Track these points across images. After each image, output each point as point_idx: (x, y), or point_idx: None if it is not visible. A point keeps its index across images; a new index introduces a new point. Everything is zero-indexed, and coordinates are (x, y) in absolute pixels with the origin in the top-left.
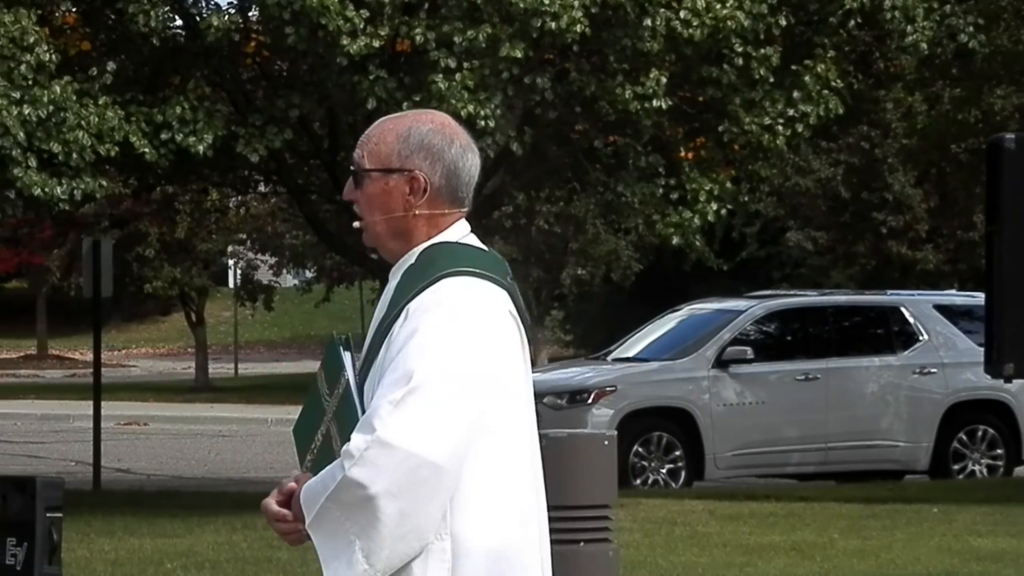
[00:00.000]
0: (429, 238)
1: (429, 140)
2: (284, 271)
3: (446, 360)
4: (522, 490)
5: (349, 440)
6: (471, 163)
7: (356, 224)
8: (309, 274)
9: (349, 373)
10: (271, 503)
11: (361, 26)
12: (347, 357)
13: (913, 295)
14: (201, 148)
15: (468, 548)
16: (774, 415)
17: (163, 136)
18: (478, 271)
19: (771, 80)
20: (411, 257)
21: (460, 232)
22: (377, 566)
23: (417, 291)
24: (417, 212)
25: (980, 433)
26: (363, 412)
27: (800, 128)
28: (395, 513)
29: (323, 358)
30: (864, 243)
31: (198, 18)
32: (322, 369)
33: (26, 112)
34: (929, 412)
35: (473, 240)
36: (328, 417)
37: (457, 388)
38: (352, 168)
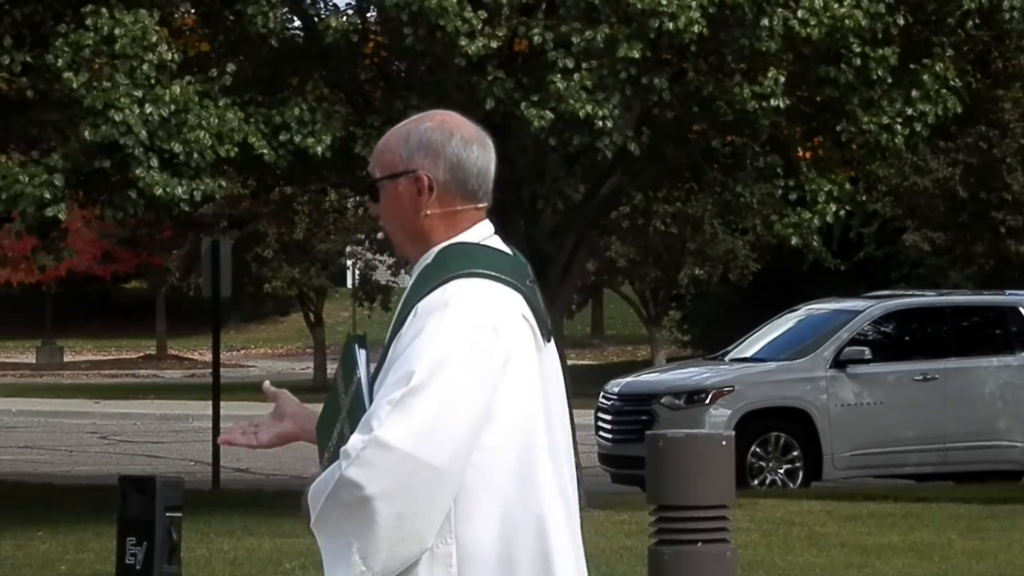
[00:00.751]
0: (448, 238)
1: (428, 137)
2: (402, 271)
3: (448, 361)
4: (536, 495)
5: (347, 441)
6: (477, 155)
7: (380, 235)
8: None
9: (362, 372)
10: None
11: (479, 27)
12: (361, 356)
13: None
14: (319, 149)
15: (474, 554)
16: (892, 415)
17: (282, 137)
18: (491, 273)
19: (889, 80)
20: (428, 257)
21: (481, 233)
22: (374, 568)
23: (427, 291)
24: (429, 212)
25: None
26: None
27: (918, 127)
28: (392, 515)
29: (341, 357)
30: (982, 243)
31: (316, 19)
32: (340, 367)
33: (148, 111)
34: None
35: (496, 242)
36: (343, 416)
37: (458, 390)
38: (367, 183)
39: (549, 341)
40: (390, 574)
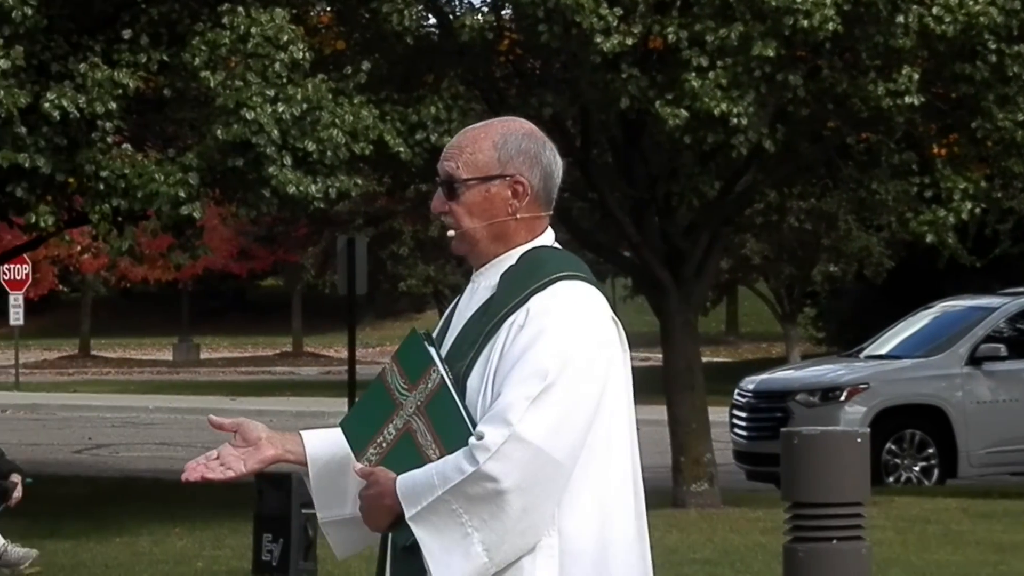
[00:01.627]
0: (527, 241)
1: (525, 145)
2: None
3: (572, 360)
4: (625, 488)
5: (481, 435)
6: (559, 166)
7: (450, 233)
8: None
9: (442, 368)
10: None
11: (615, 24)
12: (434, 353)
13: None
14: None
15: (574, 544)
16: None
17: (418, 136)
18: (586, 276)
19: None
20: (509, 259)
21: (551, 237)
22: (496, 559)
23: (533, 291)
24: (519, 216)
25: None
26: (465, 410)
27: None
28: (519, 508)
29: (398, 352)
30: None
31: (452, 17)
32: (395, 363)
33: (280, 110)
34: None
35: (559, 246)
36: (409, 411)
37: (581, 387)
38: (443, 180)
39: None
40: (503, 565)
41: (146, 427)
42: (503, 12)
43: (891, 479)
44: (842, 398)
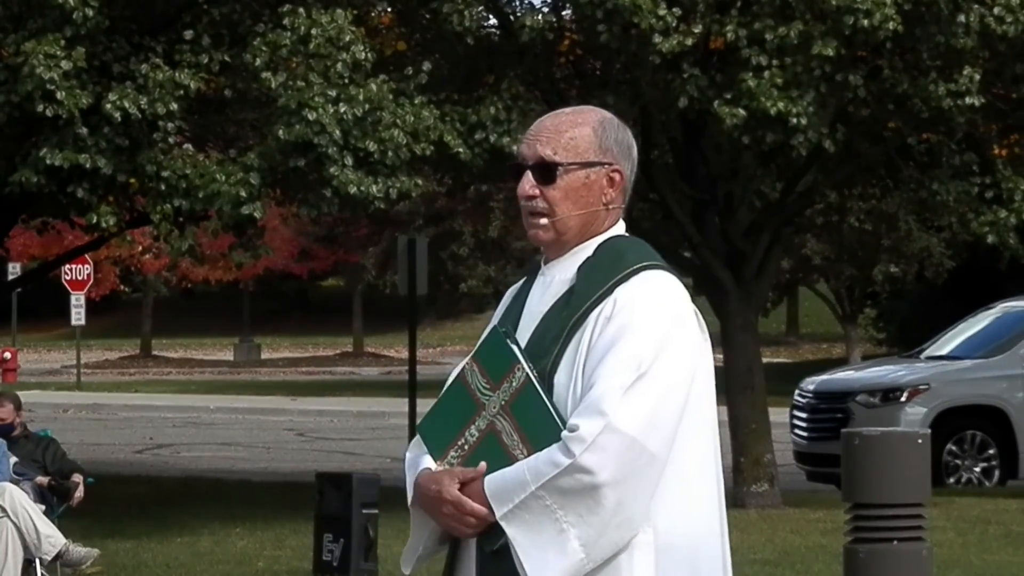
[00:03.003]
0: (603, 232)
1: (622, 135)
2: None
3: (665, 349)
4: (711, 481)
5: (574, 427)
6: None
7: (543, 220)
8: None
9: (526, 366)
10: (462, 496)
11: (674, 24)
12: (517, 349)
13: None
14: (516, 148)
15: (669, 538)
16: None
17: (477, 136)
18: (665, 265)
19: None
20: (585, 250)
21: (623, 227)
22: (593, 555)
23: (616, 282)
24: (611, 207)
25: None
26: (552, 406)
27: None
28: (614, 501)
29: (478, 351)
30: None
31: (512, 17)
32: (476, 362)
33: (342, 111)
34: None
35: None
36: (493, 411)
37: (677, 379)
38: (535, 163)
39: None
40: (599, 561)
41: (207, 427)
42: (563, 13)
43: (952, 480)
44: (903, 399)
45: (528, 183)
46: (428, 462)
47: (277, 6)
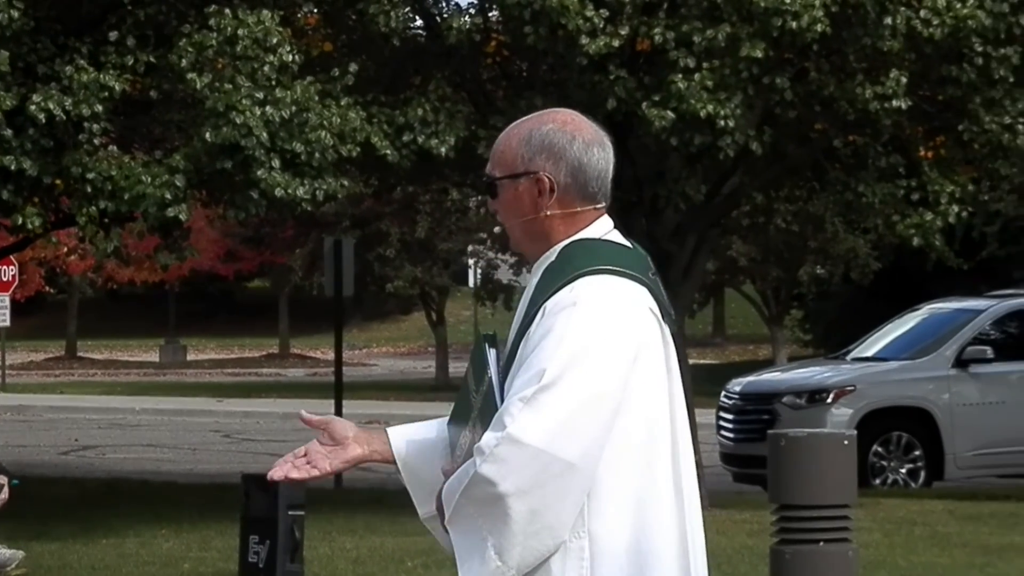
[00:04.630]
0: (568, 236)
1: (550, 140)
2: (524, 270)
3: (579, 358)
4: (662, 490)
5: (480, 439)
6: (598, 157)
7: (496, 230)
8: None
9: (492, 371)
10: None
11: (601, 25)
12: (491, 355)
13: None
14: (443, 150)
15: (605, 547)
16: (1015, 415)
17: (405, 138)
18: (616, 268)
19: (1011, 79)
20: (551, 255)
21: (602, 229)
22: (510, 563)
23: (554, 290)
24: (549, 212)
25: None
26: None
27: None
28: (525, 511)
29: (471, 355)
30: None
31: (439, 19)
32: (470, 366)
33: (269, 113)
34: None
35: (616, 236)
36: (474, 414)
37: (591, 386)
38: (485, 180)
39: (674, 333)
40: (525, 569)
41: (132, 428)
42: (490, 14)
43: (878, 481)
44: (829, 400)
45: (489, 200)
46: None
47: (203, 7)
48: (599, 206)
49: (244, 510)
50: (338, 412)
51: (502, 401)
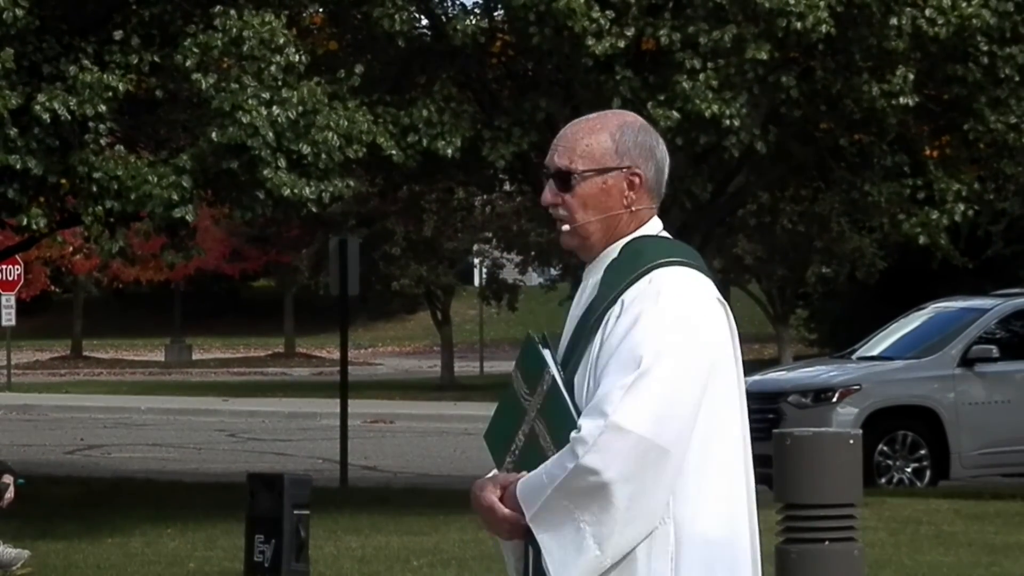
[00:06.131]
0: (630, 233)
1: (642, 138)
2: (529, 269)
3: (671, 346)
4: (737, 476)
5: (579, 428)
6: (668, 160)
7: (565, 227)
8: (554, 272)
9: (554, 370)
10: (496, 502)
11: (607, 26)
12: (547, 354)
13: None
14: (449, 151)
15: (690, 532)
16: (1020, 414)
17: (410, 139)
18: (687, 260)
19: (1017, 78)
20: (613, 251)
21: (658, 226)
22: (608, 551)
23: (629, 282)
24: (634, 208)
25: None
26: (574, 407)
27: None
28: (626, 498)
29: (519, 358)
30: None
31: (444, 19)
32: (518, 369)
33: (275, 113)
34: None
35: (666, 234)
36: (531, 416)
37: (683, 373)
38: (554, 172)
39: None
40: (618, 556)
41: (138, 428)
42: (495, 14)
43: (883, 480)
44: (834, 399)
45: (550, 191)
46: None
47: (208, 7)
48: (655, 205)
49: (249, 509)
50: (343, 411)
51: (572, 399)
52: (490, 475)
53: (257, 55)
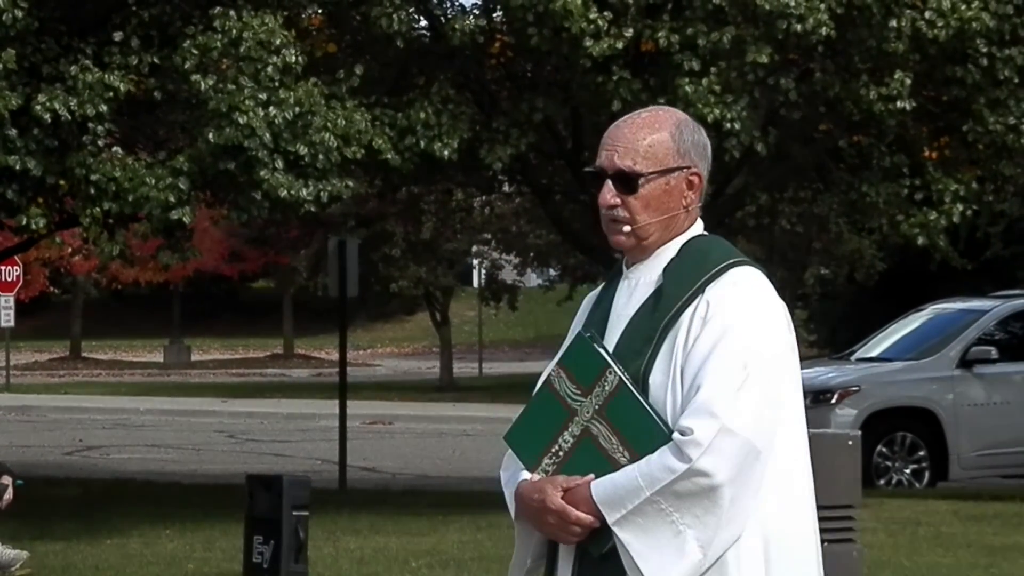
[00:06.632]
0: (684, 231)
1: (697, 137)
2: (528, 270)
3: (766, 349)
4: (805, 476)
5: (690, 430)
6: None
7: (626, 228)
8: (553, 273)
9: (618, 369)
10: (567, 505)
11: (604, 27)
12: (606, 354)
13: None
14: (446, 153)
15: (771, 532)
16: (1019, 415)
17: (407, 141)
18: (750, 260)
19: (1016, 80)
20: (669, 250)
21: (701, 225)
22: (710, 554)
23: (706, 280)
24: (691, 208)
25: None
26: (650, 408)
27: None
28: (729, 500)
29: (564, 357)
30: None
31: (443, 20)
32: (563, 369)
33: (272, 114)
34: None
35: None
36: (586, 417)
37: (774, 375)
38: (614, 173)
39: None
40: (714, 560)
41: (137, 429)
42: (494, 15)
43: (882, 482)
44: (833, 400)
45: (609, 193)
46: (525, 474)
47: (207, 8)
48: (702, 203)
49: (248, 510)
50: (342, 412)
51: (645, 397)
52: (532, 477)
53: (254, 56)
